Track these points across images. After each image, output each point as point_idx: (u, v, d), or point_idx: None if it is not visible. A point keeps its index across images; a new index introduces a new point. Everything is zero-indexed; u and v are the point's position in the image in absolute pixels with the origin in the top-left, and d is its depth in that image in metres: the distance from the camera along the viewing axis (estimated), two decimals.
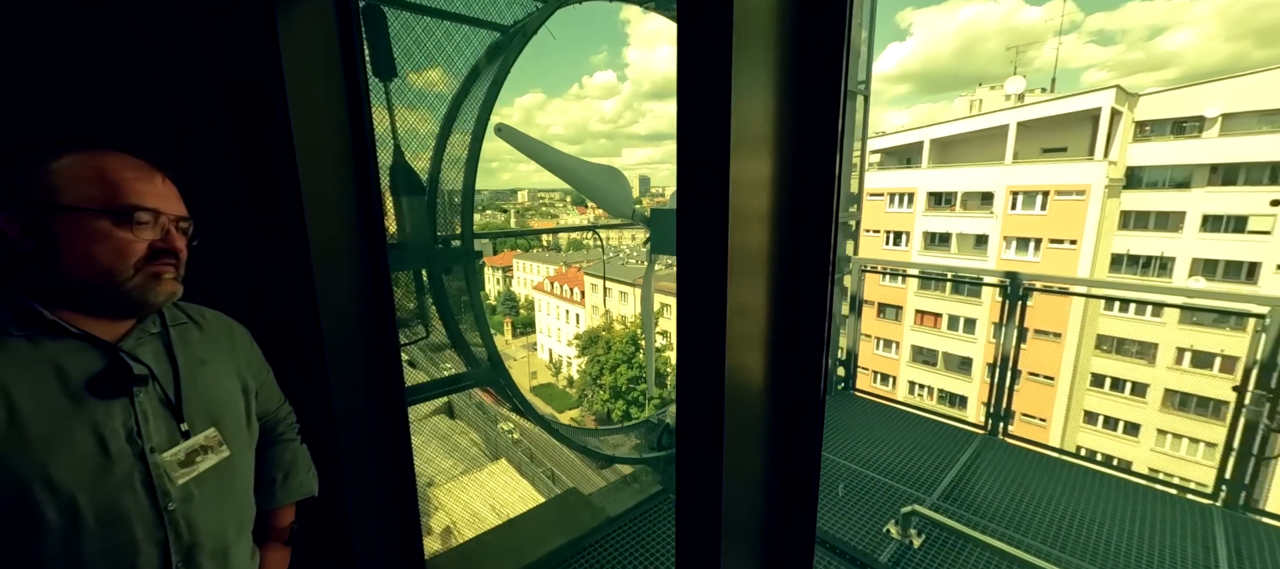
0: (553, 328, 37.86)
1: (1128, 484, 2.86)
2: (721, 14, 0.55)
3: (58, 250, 0.68)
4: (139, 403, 0.75)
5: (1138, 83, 73.94)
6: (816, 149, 0.61)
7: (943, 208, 23.74)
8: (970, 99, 27.88)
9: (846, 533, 2.49)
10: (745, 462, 0.80)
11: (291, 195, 1.17)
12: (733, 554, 0.80)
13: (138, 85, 1.10)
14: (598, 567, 2.29)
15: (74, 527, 0.67)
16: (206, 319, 0.92)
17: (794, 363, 0.81)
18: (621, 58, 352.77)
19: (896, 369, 24.28)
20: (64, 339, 0.71)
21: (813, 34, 0.64)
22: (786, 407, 0.84)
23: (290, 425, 1.07)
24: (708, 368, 0.70)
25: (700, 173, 0.62)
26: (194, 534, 0.78)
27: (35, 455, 0.65)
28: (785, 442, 0.86)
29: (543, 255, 48.03)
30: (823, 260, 0.70)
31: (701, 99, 0.58)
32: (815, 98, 0.63)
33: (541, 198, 69.78)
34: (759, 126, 0.59)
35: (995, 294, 3.28)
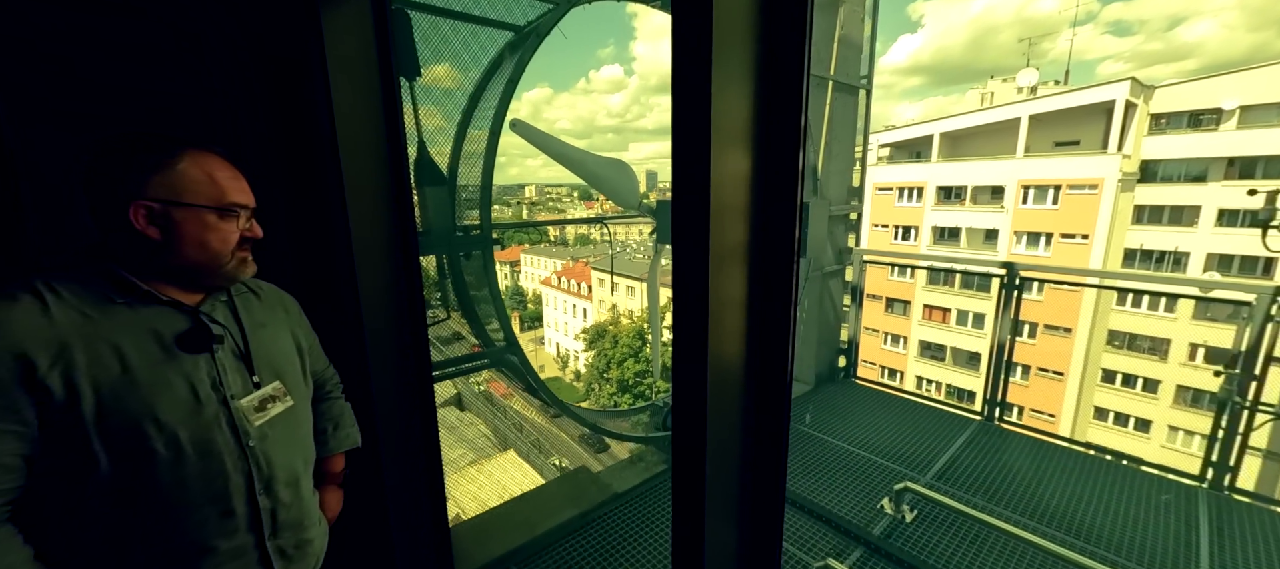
0: (560, 322, 38.10)
1: (1119, 467, 2.95)
2: (703, 18, 0.65)
3: (179, 238, 0.82)
4: (218, 358, 0.89)
5: (1156, 74, 71.21)
6: (783, 142, 0.72)
7: (952, 202, 23.56)
8: (981, 92, 27.59)
9: (843, 509, 2.62)
10: (725, 434, 0.91)
11: (333, 183, 1.30)
12: (715, 501, 0.93)
13: (196, 87, 1.24)
14: (605, 538, 2.44)
15: (178, 457, 0.82)
16: (262, 289, 1.06)
17: (767, 341, 0.92)
18: (628, 52, 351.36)
19: (904, 364, 24.22)
20: (155, 305, 0.85)
21: (779, 33, 0.74)
22: (760, 378, 0.95)
23: (336, 385, 1.22)
24: (697, 346, 0.82)
25: (691, 169, 0.73)
26: (271, 467, 0.93)
27: (143, 397, 0.79)
28: (758, 411, 0.98)
29: (550, 250, 48.20)
30: (788, 248, 0.80)
31: (689, 98, 0.69)
32: (781, 93, 0.73)
33: (548, 192, 69.97)
34: (736, 123, 0.71)
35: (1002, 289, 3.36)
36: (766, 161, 0.71)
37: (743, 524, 1.04)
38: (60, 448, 0.75)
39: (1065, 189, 20.20)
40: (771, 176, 0.72)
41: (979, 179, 22.45)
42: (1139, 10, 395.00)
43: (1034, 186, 20.96)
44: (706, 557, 0.93)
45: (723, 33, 0.66)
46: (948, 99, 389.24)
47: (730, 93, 0.66)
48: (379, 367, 1.44)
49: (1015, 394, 21.00)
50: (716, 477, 0.92)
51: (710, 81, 0.63)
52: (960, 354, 22.53)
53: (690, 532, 0.94)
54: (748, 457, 1.00)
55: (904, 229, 24.96)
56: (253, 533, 0.91)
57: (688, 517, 0.94)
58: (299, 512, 0.99)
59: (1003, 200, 21.80)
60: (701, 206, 0.68)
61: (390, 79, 1.37)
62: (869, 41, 3.93)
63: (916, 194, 24.47)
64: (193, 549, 0.84)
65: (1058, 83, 26.07)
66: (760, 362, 0.93)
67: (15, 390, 0.71)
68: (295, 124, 1.34)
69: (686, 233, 0.75)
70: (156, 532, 0.82)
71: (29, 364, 0.71)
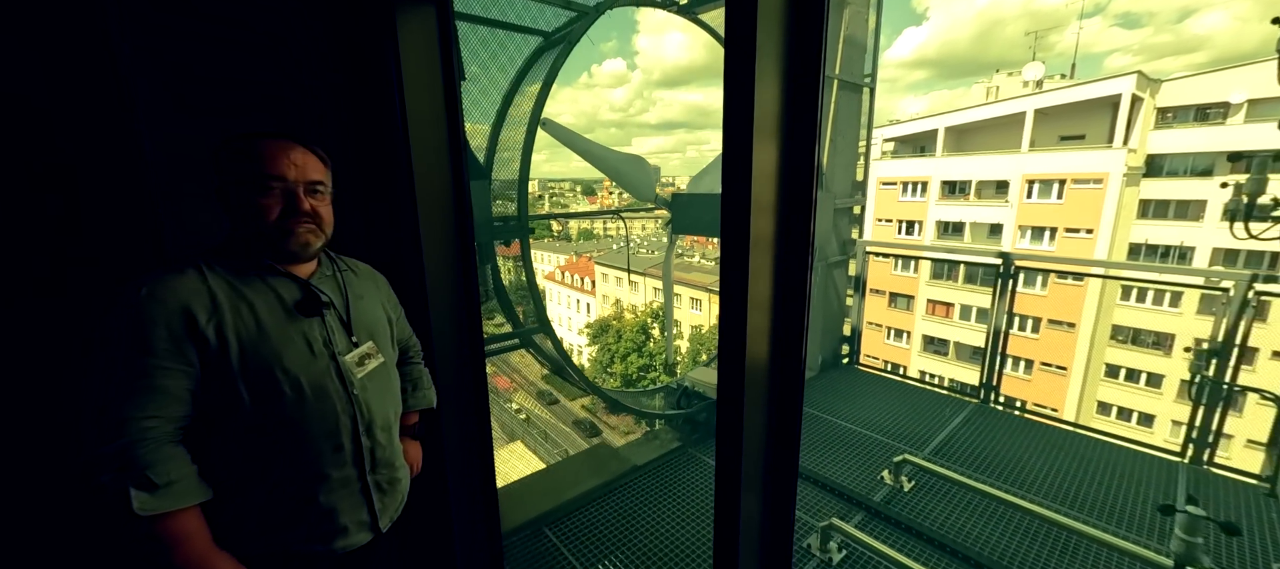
0: (564, 317, 38.33)
1: (1107, 444, 3.14)
2: (749, 25, 0.81)
3: (231, 211, 1.01)
4: (327, 321, 1.09)
5: (1165, 67, 69.62)
6: (803, 140, 0.90)
7: (957, 197, 23.61)
8: (987, 86, 27.54)
9: (847, 479, 2.82)
10: (756, 416, 1.08)
11: (404, 173, 1.50)
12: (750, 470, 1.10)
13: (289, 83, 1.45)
14: (625, 505, 2.65)
15: (299, 398, 1.02)
16: (359, 268, 1.27)
17: (789, 327, 1.07)
18: (631, 45, 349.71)
19: (908, 359, 24.36)
20: (279, 277, 1.06)
21: (803, 37, 0.89)
22: (781, 361, 1.10)
23: (417, 352, 1.42)
24: (738, 330, 0.95)
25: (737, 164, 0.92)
26: (370, 412, 1.13)
27: (273, 349, 1.00)
28: (780, 393, 1.12)
29: (553, 245, 48.35)
30: (805, 239, 0.96)
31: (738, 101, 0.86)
32: (803, 95, 0.90)
33: (551, 187, 70.13)
34: (769, 121, 0.89)
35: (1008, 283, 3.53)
36: (790, 158, 0.90)
37: (765, 493, 1.20)
38: (215, 387, 0.95)
39: (1070, 183, 20.23)
40: (795, 172, 0.91)
41: (983, 173, 22.50)
42: (1148, 1, 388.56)
43: (1039, 181, 20.99)
44: (742, 522, 1.09)
45: (763, 38, 0.82)
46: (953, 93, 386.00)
47: (765, 94, 0.84)
48: (440, 339, 1.65)
49: (1018, 389, 21.10)
50: (749, 453, 1.08)
51: (753, 83, 0.81)
52: (964, 349, 22.65)
53: (729, 500, 1.08)
54: (770, 438, 1.15)
55: (908, 224, 25.04)
56: (356, 467, 1.10)
57: (727, 487, 1.07)
58: (391, 453, 1.19)
59: (1007, 195, 21.85)
60: (745, 199, 0.86)
61: (452, 81, 1.57)
62: (873, 34, 4.08)
63: (921, 189, 24.53)
64: (312, 474, 1.04)
65: (1064, 77, 26.00)
66: (783, 348, 1.08)
67: (183, 338, 0.91)
68: (371, 118, 1.54)
69: (734, 226, 0.89)
70: (286, 458, 1.01)
71: (192, 317, 0.92)
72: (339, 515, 1.08)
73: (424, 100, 1.52)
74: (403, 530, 1.53)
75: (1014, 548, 2.30)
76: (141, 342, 0.88)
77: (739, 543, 1.09)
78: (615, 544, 2.39)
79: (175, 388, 0.90)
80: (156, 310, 0.89)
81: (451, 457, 1.76)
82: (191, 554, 0.91)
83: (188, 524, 0.91)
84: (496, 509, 1.94)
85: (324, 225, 1.08)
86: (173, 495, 0.88)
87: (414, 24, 1.48)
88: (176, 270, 0.95)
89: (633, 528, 2.49)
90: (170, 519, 0.89)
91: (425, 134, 1.53)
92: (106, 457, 0.85)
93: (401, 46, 1.45)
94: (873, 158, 20.00)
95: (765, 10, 0.79)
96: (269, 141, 1.01)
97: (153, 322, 0.88)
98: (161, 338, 0.89)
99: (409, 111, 1.48)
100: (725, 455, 1.05)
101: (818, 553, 2.27)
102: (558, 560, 2.30)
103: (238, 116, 1.40)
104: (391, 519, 1.20)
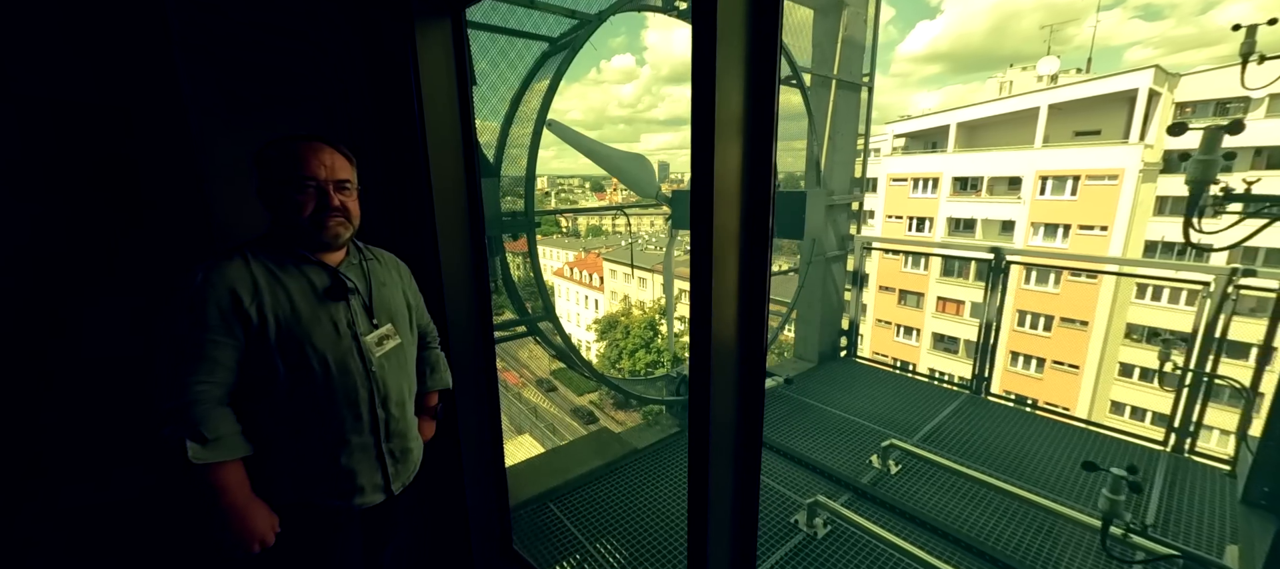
0: (572, 313, 38.60)
1: (1091, 433, 3.24)
2: (710, 26, 0.94)
3: (271, 207, 1.16)
4: (351, 305, 1.26)
5: (1187, 61, 66.88)
6: (762, 139, 1.03)
7: (968, 193, 23.40)
8: (1000, 81, 27.19)
9: (837, 464, 2.96)
10: (725, 394, 1.21)
11: (422, 169, 1.67)
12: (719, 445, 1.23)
13: (325, 84, 1.62)
14: (625, 485, 2.82)
15: (326, 372, 1.18)
16: (383, 257, 1.43)
17: (753, 316, 1.19)
18: (640, 41, 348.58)
19: (917, 356, 24.25)
20: (310, 265, 1.22)
21: (760, 46, 1.01)
22: (748, 346, 1.22)
23: (435, 338, 1.58)
24: (705, 319, 1.09)
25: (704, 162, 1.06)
26: (386, 388, 1.29)
27: (304, 328, 1.16)
28: (746, 374, 1.22)
29: (562, 241, 48.62)
30: (764, 231, 1.08)
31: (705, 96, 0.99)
32: (763, 98, 1.02)
33: (560, 184, 70.39)
34: (732, 123, 1.02)
35: (1020, 280, 3.63)
36: (752, 156, 1.04)
37: (736, 466, 1.33)
38: (256, 359, 1.11)
39: (1084, 180, 19.96)
40: (755, 168, 1.05)
41: (996, 170, 22.26)
42: None
43: (1052, 177, 20.73)
44: (711, 495, 1.22)
45: (724, 36, 0.95)
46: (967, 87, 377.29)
47: (730, 98, 0.98)
48: (455, 326, 1.81)
49: (1030, 387, 20.93)
50: (718, 429, 1.21)
51: (715, 83, 0.95)
52: (973, 347, 22.49)
53: (700, 475, 1.21)
54: (740, 416, 1.28)
55: (919, 221, 24.87)
56: (373, 435, 1.26)
57: (699, 462, 1.19)
58: (404, 426, 1.35)
59: (1020, 191, 21.62)
60: (709, 193, 1.01)
61: (465, 88, 1.73)
62: (872, 26, 4.15)
63: (932, 185, 24.33)
64: (336, 439, 1.21)
65: (1079, 71, 25.59)
66: (748, 332, 1.20)
67: (231, 317, 1.08)
68: (394, 120, 1.71)
69: (701, 217, 1.05)
70: (315, 422, 1.18)
71: (238, 298, 1.09)
72: (357, 476, 1.24)
73: (440, 105, 1.69)
74: (419, 494, 1.72)
75: (990, 525, 2.42)
76: (198, 319, 1.05)
77: (709, 510, 1.23)
78: (615, 518, 2.56)
79: (225, 358, 1.08)
80: (210, 293, 1.06)
81: (465, 431, 1.94)
82: (235, 501, 1.09)
83: (231, 475, 1.09)
84: (505, 478, 2.11)
85: (352, 218, 1.23)
86: (220, 448, 1.06)
87: (432, 37, 1.64)
88: (226, 258, 1.12)
89: (631, 504, 2.66)
90: (217, 469, 1.06)
91: (441, 136, 1.70)
92: (169, 413, 1.03)
93: (420, 57, 1.61)
94: (883, 154, 19.93)
95: (725, 21, 0.93)
96: (303, 144, 1.16)
97: (207, 302, 1.05)
98: (214, 316, 1.06)
99: (427, 116, 1.65)
100: (696, 430, 1.18)
101: (804, 528, 2.42)
102: (561, 531, 2.48)
103: (280, 116, 1.57)
104: (404, 484, 1.37)
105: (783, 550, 2.31)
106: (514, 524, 2.31)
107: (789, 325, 4.62)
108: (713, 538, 1.25)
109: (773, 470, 2.92)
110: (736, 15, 0.95)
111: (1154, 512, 2.51)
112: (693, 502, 1.23)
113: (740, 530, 1.31)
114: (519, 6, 2.34)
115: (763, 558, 2.27)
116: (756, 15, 0.97)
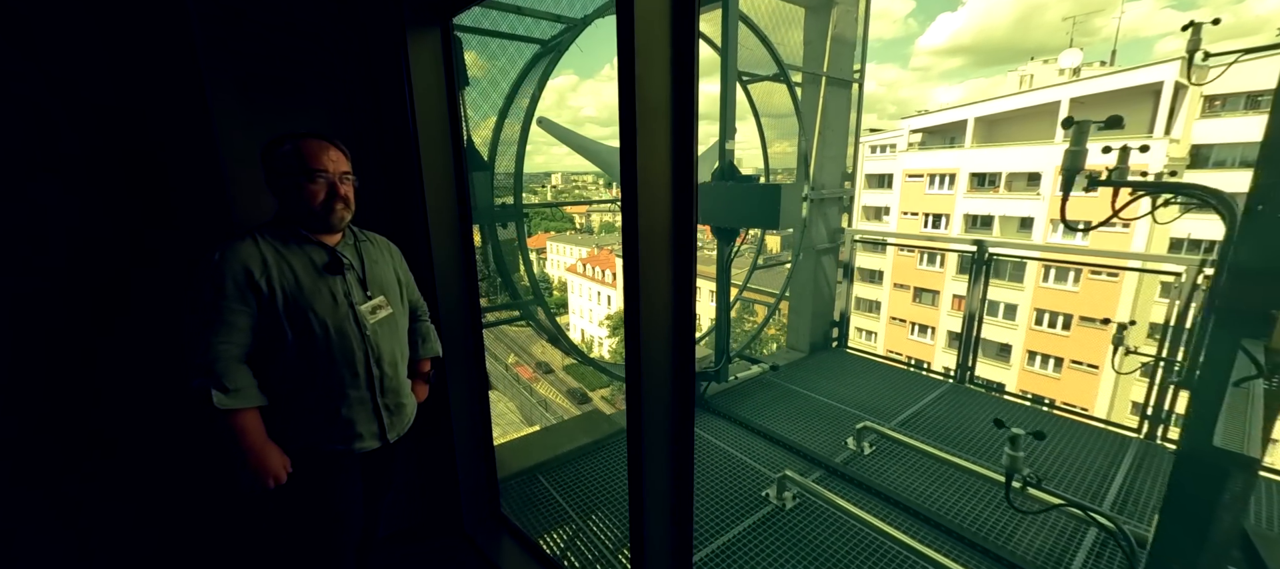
0: (584, 309, 38.90)
1: (1069, 421, 3.32)
2: (629, 32, 1.10)
3: (287, 197, 1.35)
4: (347, 279, 1.45)
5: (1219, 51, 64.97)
6: (685, 131, 1.19)
7: (986, 189, 23.00)
8: (1021, 74, 26.61)
9: (813, 444, 3.10)
10: (657, 365, 1.38)
11: (413, 162, 1.87)
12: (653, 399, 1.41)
13: (333, 82, 1.82)
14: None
15: (327, 335, 1.38)
16: (375, 238, 1.63)
17: (683, 305, 1.35)
18: None
19: (931, 355, 23.97)
20: (311, 244, 1.42)
21: (682, 38, 1.17)
22: (681, 335, 1.37)
23: (425, 312, 1.78)
24: (634, 310, 1.25)
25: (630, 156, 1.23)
26: (379, 349, 1.49)
27: (307, 298, 1.36)
28: (679, 356, 1.39)
29: (576, 238, 48.92)
30: (690, 222, 1.24)
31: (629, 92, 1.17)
32: (683, 96, 1.18)
33: (574, 180, 70.78)
34: (661, 116, 1.19)
35: (1038, 279, 3.71)
36: (679, 145, 1.19)
37: (672, 444, 1.48)
38: (267, 325, 1.31)
39: (1106, 175, 19.46)
40: (681, 159, 1.21)
41: (1014, 165, 21.84)
42: None
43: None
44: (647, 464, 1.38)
45: (647, 42, 1.12)
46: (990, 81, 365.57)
47: (656, 94, 1.14)
48: (444, 301, 2.01)
49: (1047, 387, 20.57)
50: (652, 392, 1.36)
51: (635, 78, 1.12)
52: (989, 345, 22.15)
53: (638, 449, 1.38)
54: (675, 398, 1.43)
55: (935, 217, 24.52)
56: (369, 390, 1.46)
57: (636, 436, 1.37)
58: (397, 383, 1.55)
59: (1039, 187, 21.18)
60: (634, 195, 1.17)
61: (453, 87, 1.92)
62: (863, 23, 4.23)
63: (949, 181, 23.97)
64: (337, 393, 1.41)
65: (1104, 64, 24.90)
66: (681, 315, 1.35)
67: (245, 287, 1.28)
68: (389, 115, 1.91)
69: (632, 212, 1.22)
70: (318, 379, 1.38)
71: (250, 272, 1.29)
72: (356, 425, 1.45)
73: (430, 104, 1.88)
74: (414, 457, 1.91)
75: (952, 502, 2.55)
76: (218, 289, 1.25)
77: (645, 479, 1.39)
78: (599, 490, 2.74)
79: (241, 323, 1.28)
80: (227, 268, 1.26)
81: (455, 396, 2.13)
82: (253, 443, 1.30)
83: (249, 421, 1.30)
84: (491, 444, 2.31)
85: (351, 205, 1.43)
86: (241, 397, 1.27)
87: (423, 43, 1.83)
88: (238, 239, 1.32)
89: (615, 478, 2.84)
90: (237, 415, 1.27)
91: (431, 132, 1.89)
92: (197, 366, 1.24)
93: (412, 61, 1.80)
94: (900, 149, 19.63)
95: (644, 30, 1.09)
96: (314, 142, 1.36)
97: (225, 276, 1.26)
98: (231, 287, 1.26)
99: (418, 114, 1.84)
100: (632, 403, 1.34)
101: (774, 501, 2.57)
102: (548, 501, 2.67)
103: (290, 105, 1.78)
104: (398, 434, 1.57)
105: (751, 520, 2.47)
106: (504, 494, 2.51)
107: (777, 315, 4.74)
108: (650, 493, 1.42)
109: (750, 449, 3.07)
110: (661, 14, 1.11)
111: (1114, 494, 2.60)
112: (632, 464, 1.39)
113: (677, 494, 1.47)
114: (509, 12, 2.53)
115: (730, 526, 2.43)
116: (678, 14, 1.13)
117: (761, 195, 2.83)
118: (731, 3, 2.97)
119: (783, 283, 4.56)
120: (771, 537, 2.35)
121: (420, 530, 2.25)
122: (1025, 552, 2.24)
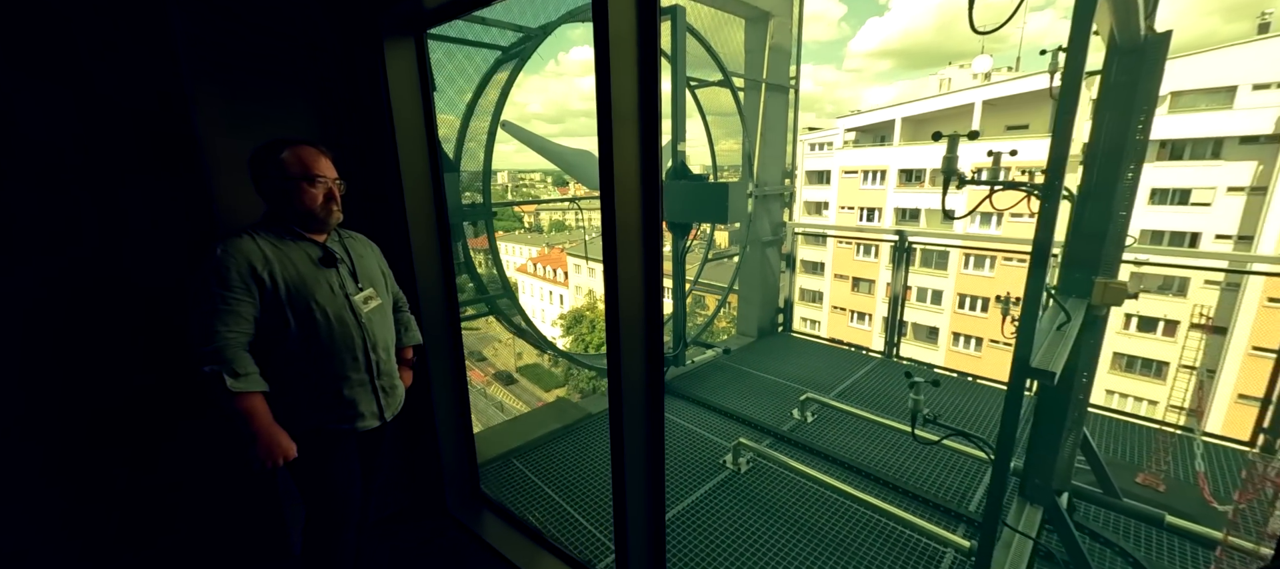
0: (537, 309, 38.40)
1: (971, 383, 3.85)
2: (604, 37, 1.33)
3: (289, 198, 1.47)
4: (340, 272, 1.59)
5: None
6: (650, 132, 1.43)
7: (913, 184, 24.87)
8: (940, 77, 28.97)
9: (764, 416, 3.44)
10: (634, 344, 1.63)
11: (392, 165, 1.99)
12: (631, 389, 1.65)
13: (320, 86, 1.91)
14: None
15: (328, 322, 1.51)
16: (357, 237, 1.75)
17: (652, 289, 1.59)
18: None
19: (868, 340, 25.63)
20: (305, 241, 1.55)
21: (646, 45, 1.41)
22: (650, 315, 1.62)
23: (405, 303, 1.90)
24: (613, 296, 1.50)
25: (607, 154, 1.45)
26: (375, 336, 1.62)
27: (308, 289, 1.49)
28: (649, 337, 1.65)
29: (525, 237, 48.05)
30: (655, 211, 1.49)
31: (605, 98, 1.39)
32: (648, 100, 1.42)
33: (521, 178, 69.50)
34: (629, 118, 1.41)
35: (960, 266, 4.17)
36: (645, 146, 1.43)
37: (648, 410, 1.72)
38: (271, 314, 1.43)
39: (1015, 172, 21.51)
40: (648, 157, 1.44)
41: (936, 162, 23.69)
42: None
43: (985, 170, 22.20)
44: (626, 436, 1.61)
45: (619, 47, 1.34)
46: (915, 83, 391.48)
47: (624, 100, 1.36)
48: (424, 293, 2.14)
49: (970, 365, 22.55)
50: (629, 375, 1.61)
51: (612, 83, 1.34)
52: (920, 329, 24.02)
53: (618, 426, 1.61)
54: (648, 371, 1.66)
55: (869, 211, 26.22)
56: (367, 373, 1.60)
57: (617, 415, 1.60)
58: (390, 366, 1.70)
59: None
60: (611, 190, 1.39)
61: (428, 95, 2.05)
62: (797, 34, 4.64)
63: (880, 176, 25.71)
64: (339, 376, 1.54)
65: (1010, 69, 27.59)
66: (650, 299, 1.60)
67: (248, 279, 1.39)
68: (369, 121, 2.01)
69: (608, 203, 1.45)
70: (321, 363, 1.51)
71: (252, 266, 1.40)
72: (358, 405, 1.58)
73: (407, 110, 2.00)
74: (401, 440, 2.04)
75: (883, 457, 2.95)
76: (223, 281, 1.36)
77: (625, 450, 1.62)
78: (569, 468, 2.94)
79: (245, 312, 1.39)
80: (230, 261, 1.37)
81: (437, 380, 2.27)
82: (261, 424, 1.41)
83: (258, 404, 1.41)
84: (470, 425, 2.45)
85: (340, 206, 1.57)
86: (250, 382, 1.38)
87: (399, 54, 1.96)
88: (236, 236, 1.43)
89: (584, 458, 3.04)
90: (247, 398, 1.38)
91: (408, 136, 2.02)
92: (207, 354, 1.34)
93: (388, 71, 1.93)
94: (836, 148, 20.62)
95: (617, 41, 1.31)
96: (308, 149, 1.49)
97: (229, 269, 1.36)
98: (235, 279, 1.37)
99: (396, 119, 1.97)
100: (613, 385, 1.57)
101: (731, 466, 2.87)
102: (524, 482, 2.84)
103: (277, 111, 1.85)
104: (394, 412, 1.71)
105: (710, 484, 2.75)
106: (483, 478, 2.66)
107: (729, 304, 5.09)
108: (629, 463, 1.65)
109: (708, 424, 3.37)
110: (628, 26, 1.34)
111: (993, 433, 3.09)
112: (613, 436, 1.61)
113: (651, 457, 1.71)
114: (475, 23, 2.65)
115: (693, 490, 2.70)
116: (643, 26, 1.35)
117: (712, 192, 3.12)
118: (680, 14, 3.24)
119: (730, 276, 4.90)
120: (730, 496, 2.65)
121: (407, 514, 2.36)
122: (939, 491, 2.65)
